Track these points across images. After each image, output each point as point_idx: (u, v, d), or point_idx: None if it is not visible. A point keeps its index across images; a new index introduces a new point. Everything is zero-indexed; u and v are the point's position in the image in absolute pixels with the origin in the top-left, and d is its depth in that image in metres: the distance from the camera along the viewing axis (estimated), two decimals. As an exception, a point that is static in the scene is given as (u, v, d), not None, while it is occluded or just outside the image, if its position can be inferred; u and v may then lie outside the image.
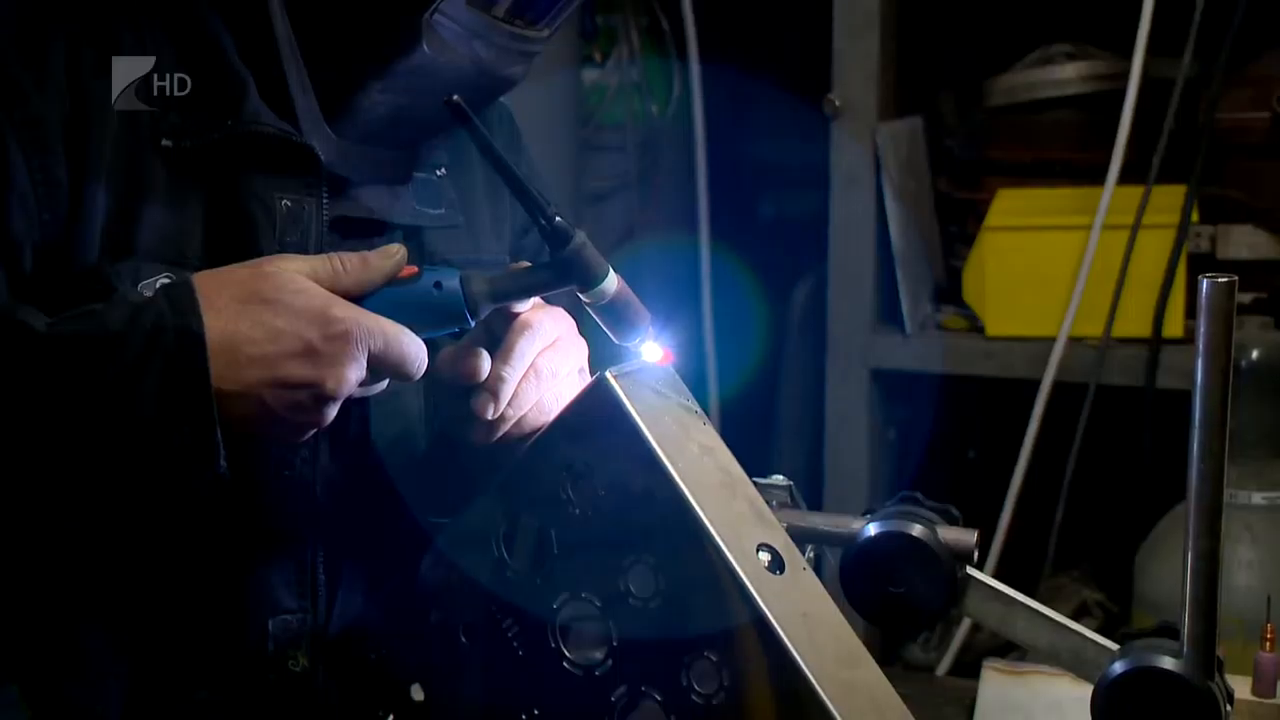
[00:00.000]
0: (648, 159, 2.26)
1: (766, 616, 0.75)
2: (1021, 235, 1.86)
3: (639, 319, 0.84)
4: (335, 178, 0.89)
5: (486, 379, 0.84)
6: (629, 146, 2.23)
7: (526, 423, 0.87)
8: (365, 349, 0.76)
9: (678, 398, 0.84)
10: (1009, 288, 1.86)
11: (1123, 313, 1.77)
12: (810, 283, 2.14)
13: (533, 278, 0.83)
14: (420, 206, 0.96)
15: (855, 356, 1.97)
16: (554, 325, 0.87)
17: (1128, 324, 1.77)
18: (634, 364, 0.84)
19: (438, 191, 0.98)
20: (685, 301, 2.16)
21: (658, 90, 2.24)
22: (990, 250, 1.87)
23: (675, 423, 0.82)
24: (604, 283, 0.82)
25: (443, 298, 0.80)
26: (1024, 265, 1.85)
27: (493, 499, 0.85)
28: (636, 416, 0.79)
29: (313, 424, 0.77)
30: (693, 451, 0.81)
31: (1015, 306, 1.86)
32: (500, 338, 0.86)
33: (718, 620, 0.76)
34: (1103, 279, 1.77)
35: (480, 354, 0.84)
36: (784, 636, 0.74)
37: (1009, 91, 1.98)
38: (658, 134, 2.25)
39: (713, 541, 0.77)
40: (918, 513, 0.89)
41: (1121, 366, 1.78)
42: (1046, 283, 1.82)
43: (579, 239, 0.80)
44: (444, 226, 0.97)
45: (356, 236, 0.91)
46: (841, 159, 1.93)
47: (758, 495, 0.84)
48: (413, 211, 0.95)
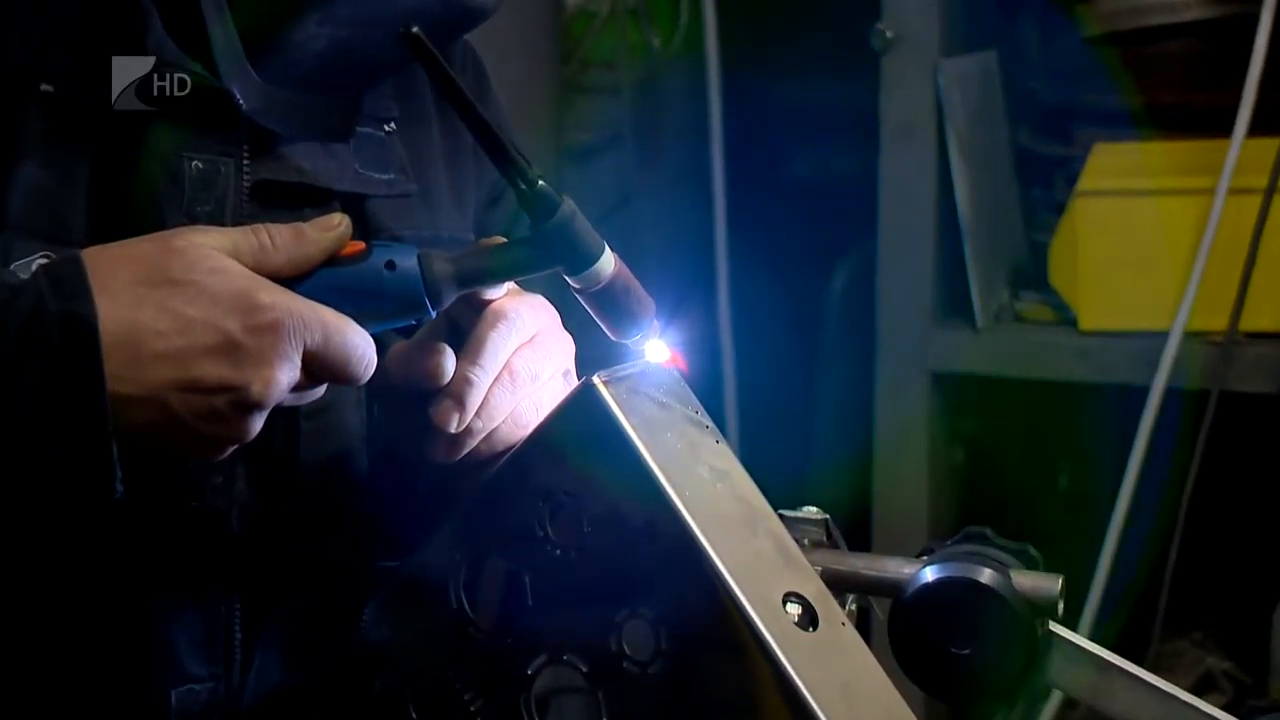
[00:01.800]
0: (647, 105, 2.28)
1: (796, 686, 0.76)
2: (1125, 201, 1.87)
3: (640, 310, 0.86)
4: (259, 132, 0.91)
5: (449, 382, 0.86)
6: (623, 89, 2.25)
7: (497, 438, 0.89)
8: (299, 344, 0.77)
9: (685, 409, 0.87)
10: (1109, 269, 1.87)
11: (1254, 301, 1.77)
12: (854, 263, 2.18)
13: (508, 257, 0.85)
14: (364, 170, 0.98)
15: (912, 357, 2.00)
16: (533, 317, 0.89)
17: (1260, 315, 1.78)
18: (632, 366, 0.86)
19: (385, 151, 1.00)
20: (696, 288, 2.19)
21: (660, 17, 2.26)
22: (1085, 221, 1.88)
23: (681, 440, 0.84)
24: (598, 264, 0.84)
25: (396, 281, 0.82)
26: (1128, 240, 1.86)
27: (452, 536, 0.87)
28: (632, 432, 0.81)
29: (231, 438, 0.78)
30: (703, 476, 0.84)
31: (1117, 293, 1.87)
32: (467, 331, 0.88)
33: (734, 690, 0.77)
34: (1229, 258, 1.77)
35: (442, 351, 0.86)
36: (819, 711, 0.76)
37: (1110, 17, 1.97)
38: (660, 73, 2.27)
39: (728, 590, 0.79)
40: (988, 554, 0.91)
41: (1252, 369, 1.79)
42: (1157, 262, 1.83)
43: (567, 208, 0.82)
44: (393, 195, 0.99)
45: (284, 206, 0.93)
46: (894, 105, 1.95)
47: (785, 532, 0.86)
48: (354, 176, 0.97)
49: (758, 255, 2.23)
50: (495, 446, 0.90)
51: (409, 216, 1.00)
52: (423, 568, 0.89)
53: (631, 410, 0.82)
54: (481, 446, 0.89)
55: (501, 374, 0.88)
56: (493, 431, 0.89)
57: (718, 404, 2.25)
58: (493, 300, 0.88)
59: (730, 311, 2.24)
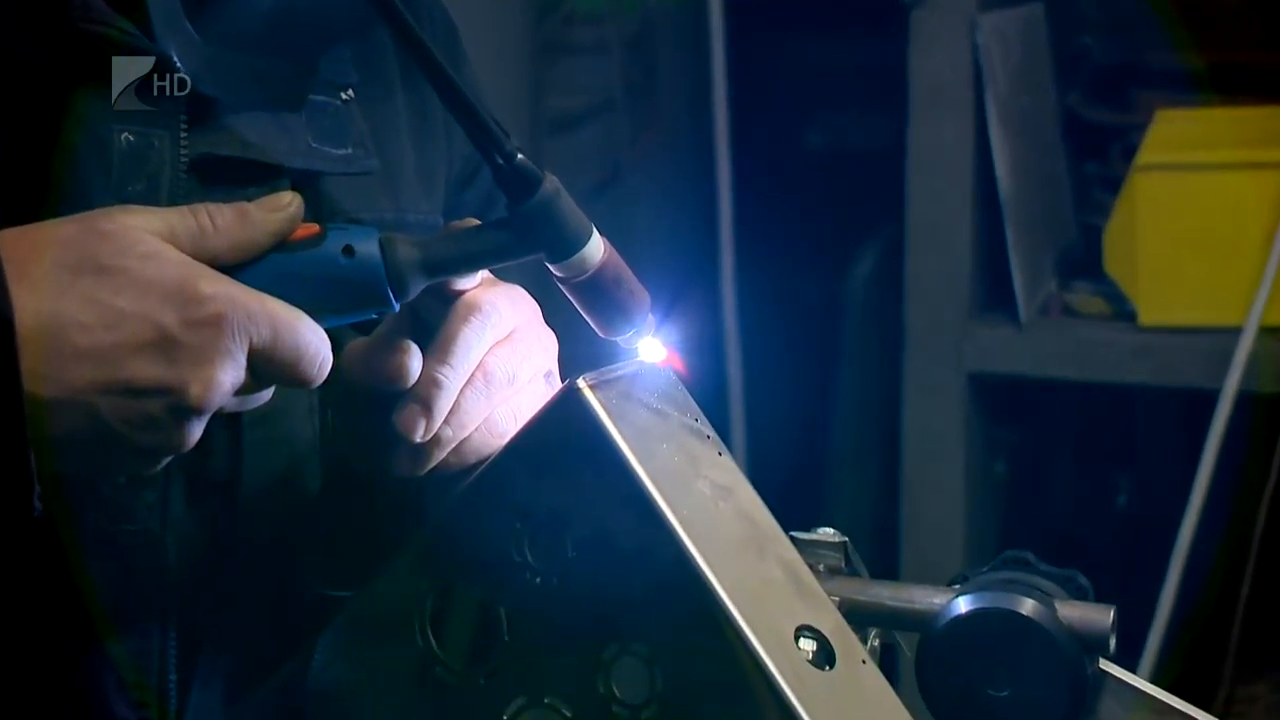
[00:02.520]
0: (639, 66, 2.29)
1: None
2: (1191, 177, 1.87)
3: (632, 302, 0.88)
4: (199, 99, 0.92)
5: (415, 385, 0.87)
6: (612, 47, 2.25)
7: (469, 449, 0.91)
8: (244, 340, 0.78)
9: (683, 416, 0.88)
10: (1172, 255, 1.88)
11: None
12: (878, 249, 2.19)
13: (482, 242, 0.86)
14: (318, 143, 0.99)
15: (946, 356, 2.02)
16: (511, 310, 0.91)
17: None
18: (623, 367, 0.88)
19: (343, 122, 1.01)
20: (697, 277, 2.20)
21: (654, -38, 2.28)
22: (1145, 199, 1.89)
23: (679, 452, 0.86)
24: (584, 249, 0.85)
25: (354, 269, 0.83)
26: (1195, 221, 1.86)
27: (417, 562, 0.89)
28: (623, 442, 0.82)
29: (166, 448, 0.79)
30: (703, 493, 0.85)
31: (1181, 282, 1.88)
32: (435, 327, 0.89)
33: (740, 738, 0.78)
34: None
35: (406, 350, 0.87)
36: (836, 761, 0.77)
37: (1176, -37, 1.99)
38: (654, 28, 2.28)
39: (733, 623, 0.80)
40: (1030, 581, 0.92)
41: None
42: (1228, 247, 1.84)
43: (549, 186, 0.83)
44: (351, 172, 1.01)
45: (227, 184, 0.94)
46: (925, 65, 1.97)
47: (798, 557, 0.87)
48: (307, 150, 0.98)
49: (767, 239, 2.24)
50: (467, 459, 0.91)
51: (369, 196, 1.02)
52: (383, 598, 0.90)
53: (622, 417, 0.84)
54: (451, 459, 0.90)
55: (474, 375, 0.89)
56: (464, 441, 0.90)
57: (721, 410, 2.27)
58: (465, 291, 0.89)
59: (736, 304, 2.26)
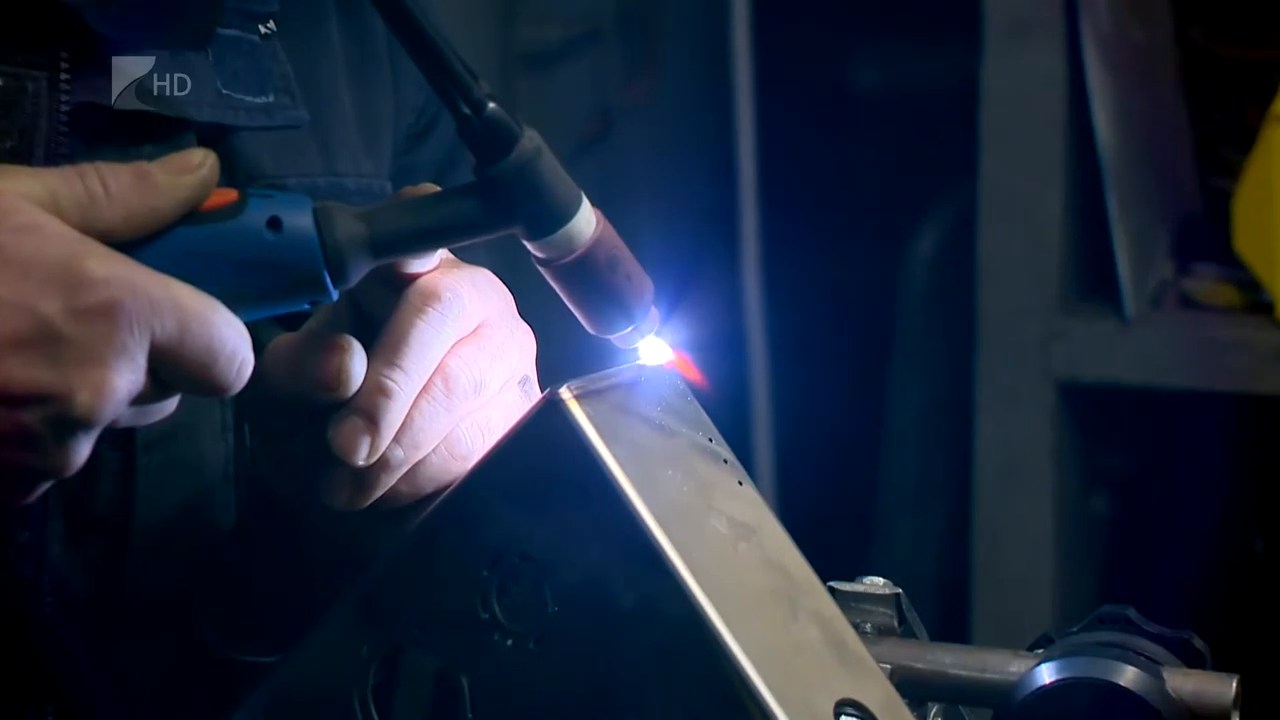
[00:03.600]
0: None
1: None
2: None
3: (631, 292, 0.89)
4: (82, 36, 0.94)
5: (357, 393, 0.89)
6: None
7: (425, 475, 0.92)
8: (144, 335, 0.79)
9: (694, 435, 0.90)
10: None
11: None
12: (943, 222, 2.21)
13: (442, 214, 0.87)
14: (230, 90, 1.01)
15: (1030, 360, 2.03)
16: (478, 301, 0.92)
17: None
18: (618, 374, 0.90)
19: (261, 62, 1.02)
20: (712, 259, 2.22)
21: None
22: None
23: (689, 480, 0.87)
24: (572, 223, 0.86)
25: (282, 246, 0.84)
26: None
27: (357, 619, 0.90)
28: (617, 468, 0.84)
29: (44, 471, 0.80)
30: (719, 532, 0.86)
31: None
32: (381, 321, 0.91)
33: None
34: None
35: (346, 349, 0.89)
36: None
37: None
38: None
39: (757, 698, 0.81)
40: (1132, 645, 0.93)
41: None
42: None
43: (528, 143, 0.85)
44: (273, 126, 1.02)
45: (117, 141, 0.96)
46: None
47: (839, 614, 0.89)
48: (217, 98, 1.00)
49: (801, 210, 2.26)
50: (421, 487, 0.92)
51: (296, 156, 1.03)
52: (314, 665, 0.91)
53: (616, 437, 0.85)
54: (402, 487, 0.92)
55: (431, 382, 0.91)
56: (418, 465, 0.92)
57: (742, 428, 2.28)
58: (419, 276, 0.91)
59: (761, 293, 2.27)
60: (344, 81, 1.08)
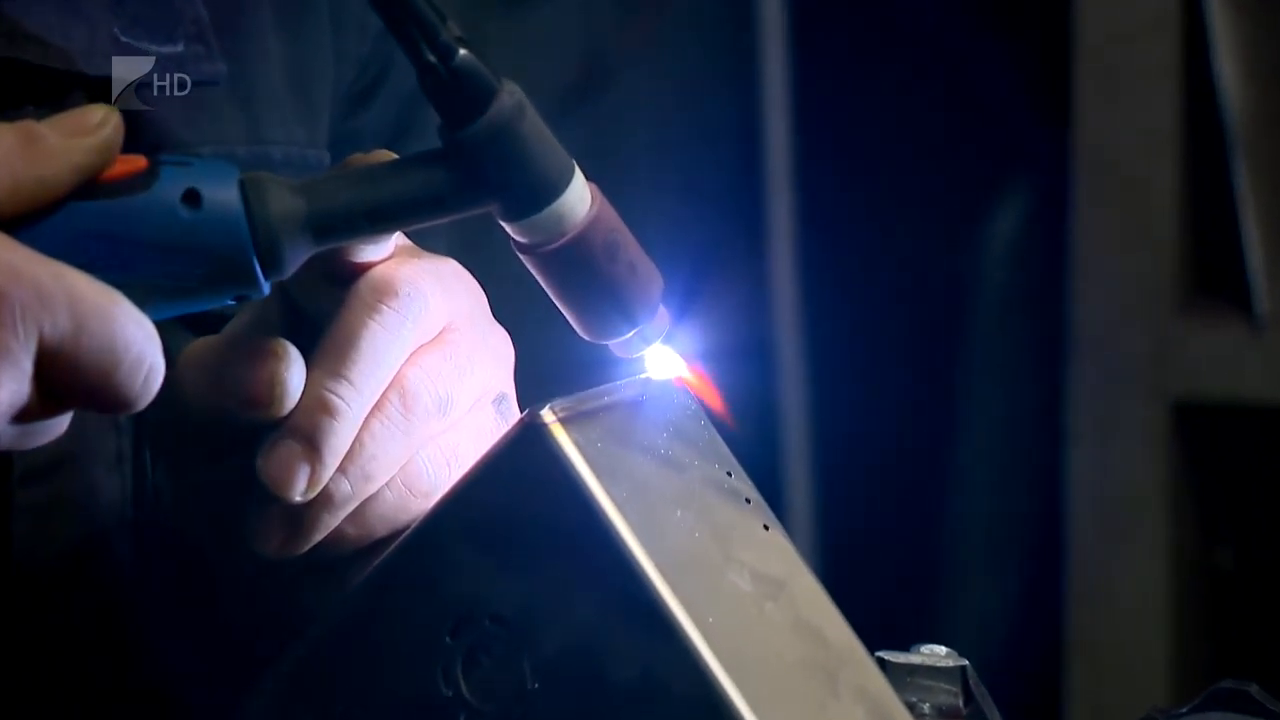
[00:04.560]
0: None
1: None
2: None
3: (634, 287, 0.90)
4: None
5: (293, 412, 0.90)
6: None
7: (376, 514, 0.93)
8: (30, 335, 0.79)
9: (708, 467, 0.91)
10: None
11: None
12: (1025, 203, 2.22)
13: (400, 188, 0.87)
14: (130, 38, 1.01)
15: (1136, 374, 2.04)
16: (443, 297, 0.94)
17: None
18: (614, 391, 0.91)
19: (168, 4, 1.03)
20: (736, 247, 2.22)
21: None
22: None
23: (701, 524, 0.88)
24: (562, 200, 0.87)
25: (203, 227, 0.84)
26: None
27: (288, 696, 0.91)
28: (612, 510, 0.85)
29: None
30: (739, 589, 0.87)
31: None
32: (323, 321, 0.92)
33: None
34: None
35: (280, 356, 0.90)
36: None
37: None
38: None
39: None
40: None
41: None
42: None
43: (508, 100, 0.85)
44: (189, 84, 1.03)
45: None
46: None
47: (888, 690, 0.90)
48: (113, 46, 1.01)
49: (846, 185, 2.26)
50: (372, 530, 0.94)
51: (211, 119, 1.04)
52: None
53: (612, 470, 0.86)
54: (347, 530, 0.93)
55: (385, 398, 0.92)
56: (368, 502, 0.93)
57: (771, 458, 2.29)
58: (371, 265, 0.92)
59: (796, 290, 2.28)
60: (271, 27, 1.09)
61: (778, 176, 2.28)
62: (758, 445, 2.17)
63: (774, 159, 2.28)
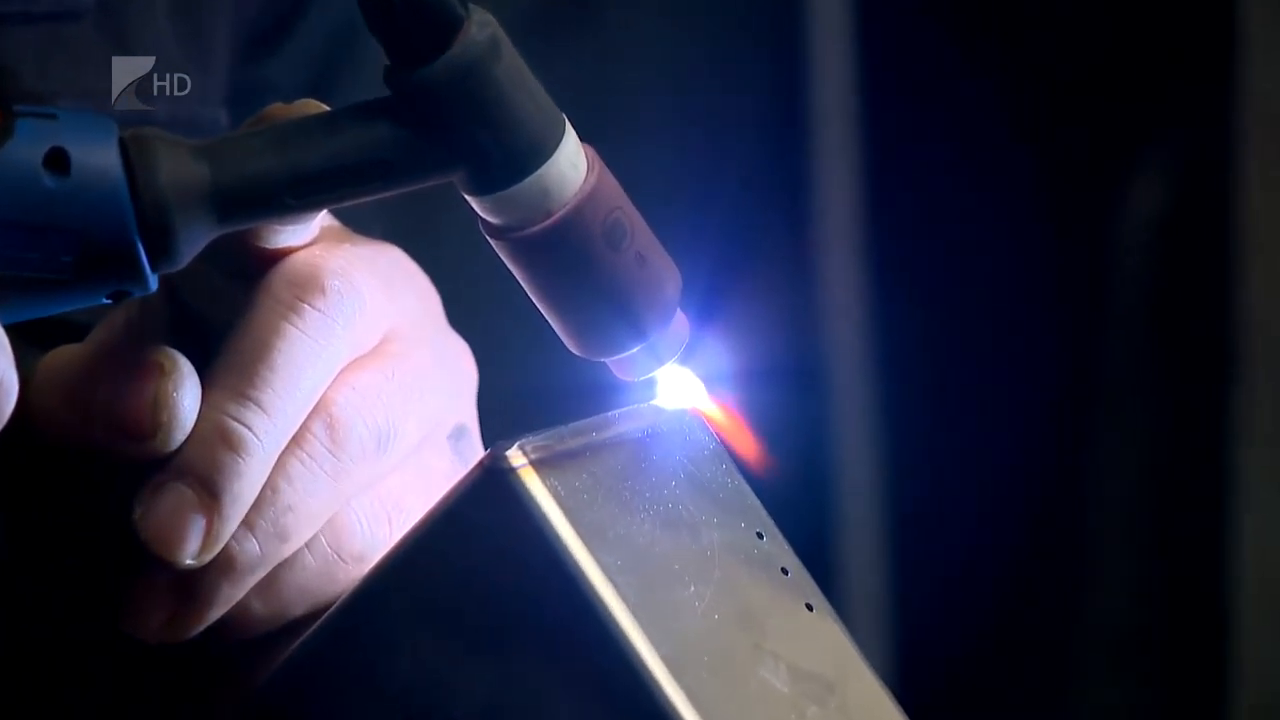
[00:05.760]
0: None
1: None
2: None
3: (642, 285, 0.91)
4: None
5: (186, 445, 0.91)
6: None
7: (294, 584, 0.95)
8: None
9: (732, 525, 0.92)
10: None
11: None
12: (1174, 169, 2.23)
13: (334, 148, 0.88)
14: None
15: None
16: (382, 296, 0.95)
17: None
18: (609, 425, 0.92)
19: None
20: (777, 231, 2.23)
21: None
22: None
23: (722, 602, 0.89)
24: (548, 165, 0.88)
25: (71, 198, 0.85)
26: None
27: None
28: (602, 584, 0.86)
29: None
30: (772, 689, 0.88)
31: None
32: (224, 328, 0.93)
33: None
34: None
35: (168, 372, 0.91)
36: None
37: None
38: None
39: None
40: None
41: None
42: None
43: (478, 31, 0.86)
44: (38, 16, 1.04)
45: None
46: None
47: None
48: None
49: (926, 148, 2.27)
50: (286, 605, 0.95)
51: (74, 63, 1.06)
52: None
53: (601, 530, 0.87)
54: (255, 605, 0.94)
55: (307, 429, 0.93)
56: (285, 567, 0.94)
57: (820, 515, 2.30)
58: (288, 253, 0.94)
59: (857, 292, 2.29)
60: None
61: (832, 137, 2.29)
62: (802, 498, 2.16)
63: (828, 113, 2.29)
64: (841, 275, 2.29)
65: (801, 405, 2.26)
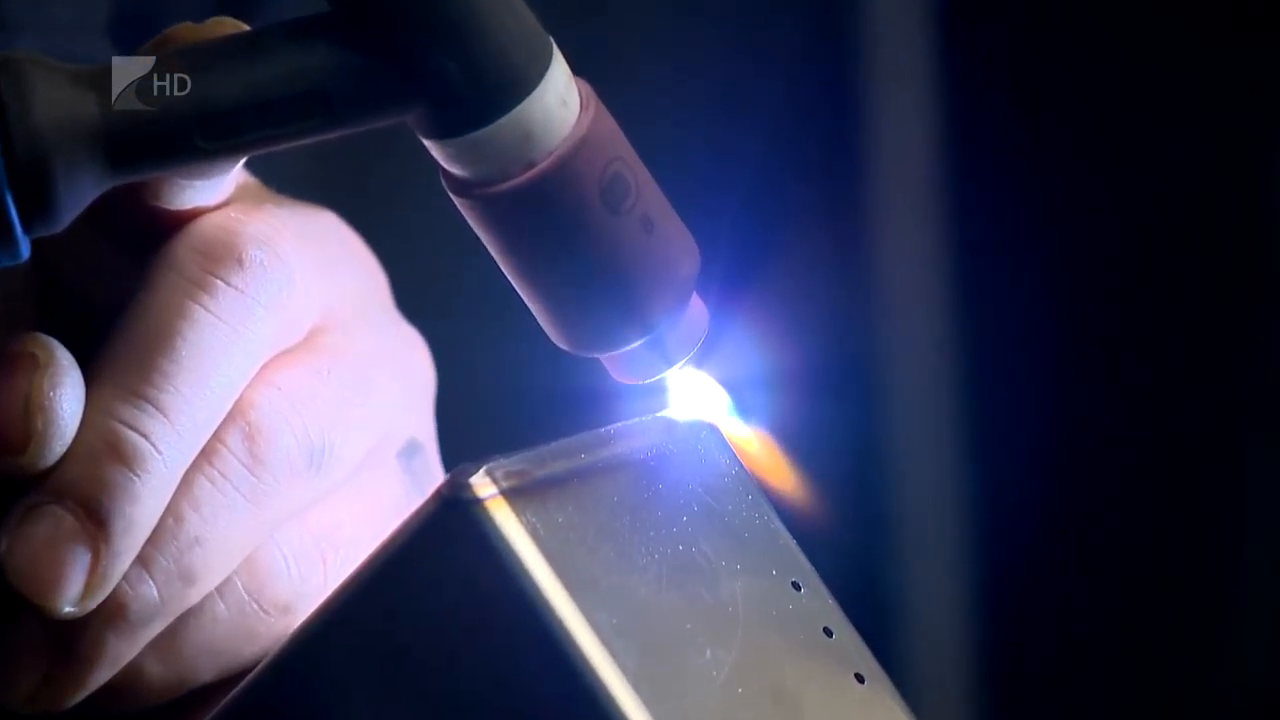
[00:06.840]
0: None
1: None
2: None
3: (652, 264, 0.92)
4: None
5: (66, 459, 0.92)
6: None
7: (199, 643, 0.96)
8: None
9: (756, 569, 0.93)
10: None
11: None
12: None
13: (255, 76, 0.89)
14: None
15: None
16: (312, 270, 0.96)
17: None
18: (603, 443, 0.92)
19: None
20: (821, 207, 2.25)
21: None
22: None
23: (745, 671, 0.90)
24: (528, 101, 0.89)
25: None
26: None
27: None
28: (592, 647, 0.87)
29: None
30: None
31: None
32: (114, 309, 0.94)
33: None
34: None
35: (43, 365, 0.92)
36: None
37: None
38: None
39: None
40: None
41: None
42: None
43: None
44: None
45: None
46: None
47: None
48: None
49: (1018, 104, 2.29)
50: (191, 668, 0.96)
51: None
52: None
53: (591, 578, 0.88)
54: (151, 667, 0.95)
55: (220, 440, 0.94)
56: (191, 620, 0.95)
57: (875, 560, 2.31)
58: (195, 214, 0.95)
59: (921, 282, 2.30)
60: None
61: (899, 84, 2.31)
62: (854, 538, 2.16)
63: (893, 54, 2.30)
64: (907, 257, 2.30)
65: (852, 421, 2.27)
